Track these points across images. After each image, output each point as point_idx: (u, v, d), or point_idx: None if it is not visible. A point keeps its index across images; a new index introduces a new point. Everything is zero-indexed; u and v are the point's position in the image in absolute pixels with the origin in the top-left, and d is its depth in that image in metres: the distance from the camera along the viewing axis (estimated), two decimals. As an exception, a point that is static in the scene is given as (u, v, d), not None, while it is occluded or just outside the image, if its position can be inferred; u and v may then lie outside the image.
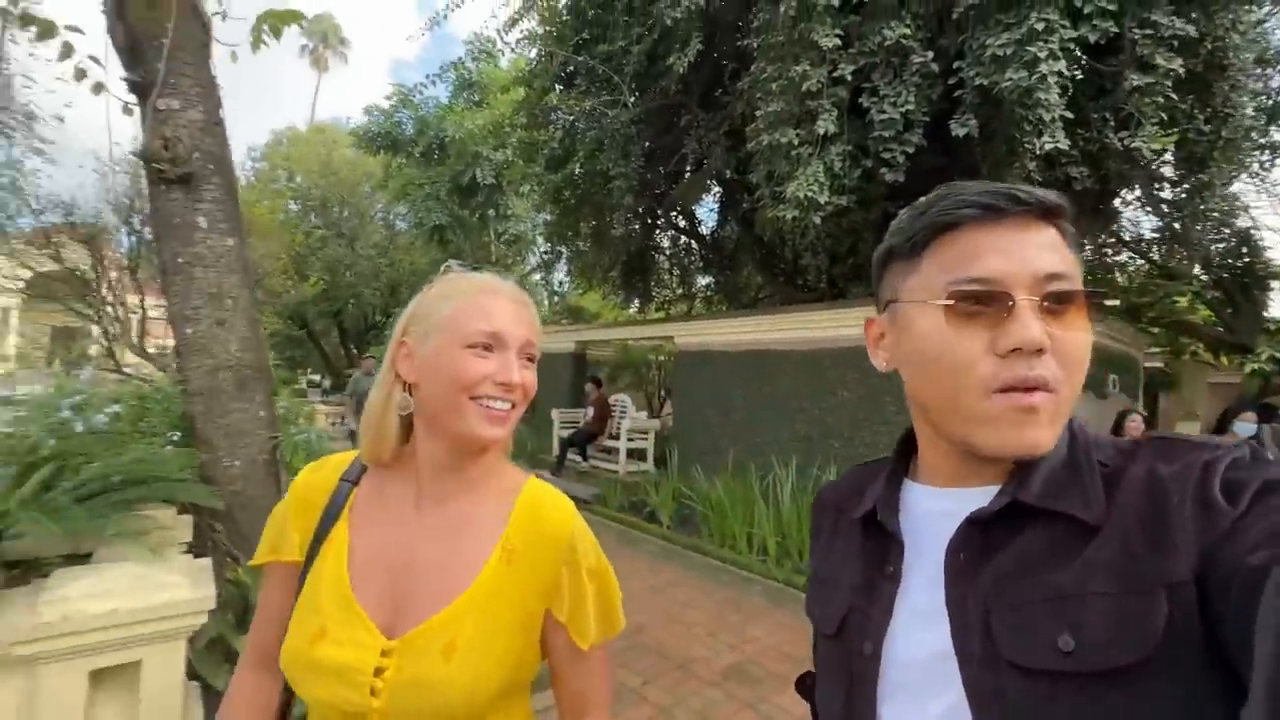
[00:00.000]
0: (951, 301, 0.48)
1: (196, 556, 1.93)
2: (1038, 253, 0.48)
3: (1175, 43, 4.51)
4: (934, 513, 0.56)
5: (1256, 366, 6.69)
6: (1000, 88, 4.45)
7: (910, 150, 5.04)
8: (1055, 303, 0.47)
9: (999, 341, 0.46)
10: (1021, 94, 4.38)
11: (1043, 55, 4.20)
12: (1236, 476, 0.43)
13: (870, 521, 0.60)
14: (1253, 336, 7.62)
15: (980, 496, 0.52)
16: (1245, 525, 0.39)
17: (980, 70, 4.66)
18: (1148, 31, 4.51)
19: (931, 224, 0.51)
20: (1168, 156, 5.83)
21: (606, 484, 7.42)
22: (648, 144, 8.18)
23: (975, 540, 0.51)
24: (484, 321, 0.72)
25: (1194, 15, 4.68)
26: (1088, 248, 8.49)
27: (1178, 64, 4.47)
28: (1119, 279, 9.65)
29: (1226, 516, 0.40)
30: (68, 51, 2.37)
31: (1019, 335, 0.46)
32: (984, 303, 0.48)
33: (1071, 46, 4.36)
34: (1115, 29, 4.47)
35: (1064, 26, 4.30)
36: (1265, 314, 8.32)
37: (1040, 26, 4.24)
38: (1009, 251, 0.48)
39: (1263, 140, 6.44)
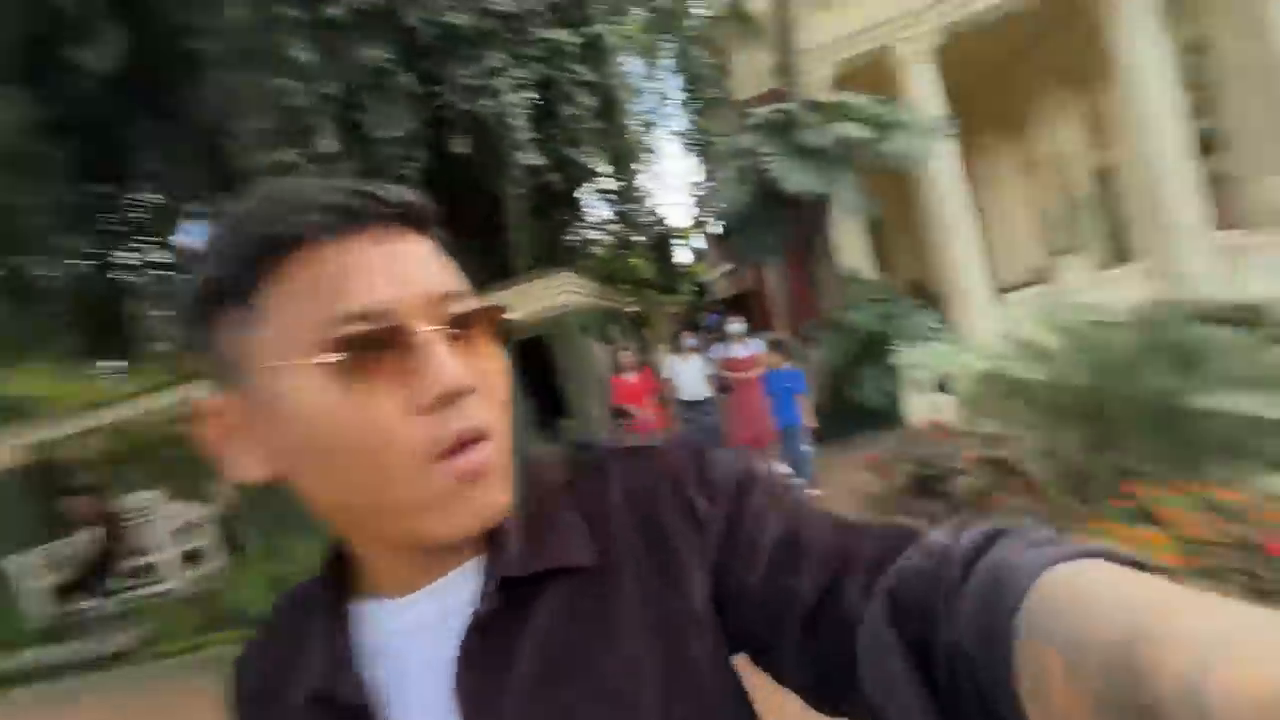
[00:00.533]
0: (342, 355, 0.33)
1: None
2: (421, 268, 0.37)
3: (589, 84, 6.16)
4: (411, 630, 0.40)
5: (681, 299, 10.07)
6: (480, 114, 5.19)
7: (420, 165, 5.38)
8: (462, 327, 0.37)
9: (418, 394, 0.35)
10: (496, 119, 5.23)
11: (504, 89, 5.10)
12: (706, 476, 0.42)
13: (324, 701, 0.39)
14: (673, 280, 11.37)
15: (461, 582, 0.40)
16: (739, 536, 0.39)
17: (458, 96, 5.30)
18: (569, 75, 5.99)
19: (265, 243, 0.34)
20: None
21: (161, 613, 5.63)
22: (61, 156, 6.11)
23: (483, 651, 0.38)
24: None
25: (592, 64, 6.46)
26: (569, 236, 10.84)
27: (592, 99, 6.12)
28: (599, 253, 12.76)
29: (716, 520, 0.40)
30: None
31: (439, 380, 0.34)
32: (380, 346, 0.34)
33: (525, 82, 5.42)
34: (549, 71, 5.76)
35: (514, 66, 5.29)
36: (676, 263, 12.44)
37: (497, 64, 5.11)
38: (388, 270, 0.35)
39: (647, 145, 9.60)
